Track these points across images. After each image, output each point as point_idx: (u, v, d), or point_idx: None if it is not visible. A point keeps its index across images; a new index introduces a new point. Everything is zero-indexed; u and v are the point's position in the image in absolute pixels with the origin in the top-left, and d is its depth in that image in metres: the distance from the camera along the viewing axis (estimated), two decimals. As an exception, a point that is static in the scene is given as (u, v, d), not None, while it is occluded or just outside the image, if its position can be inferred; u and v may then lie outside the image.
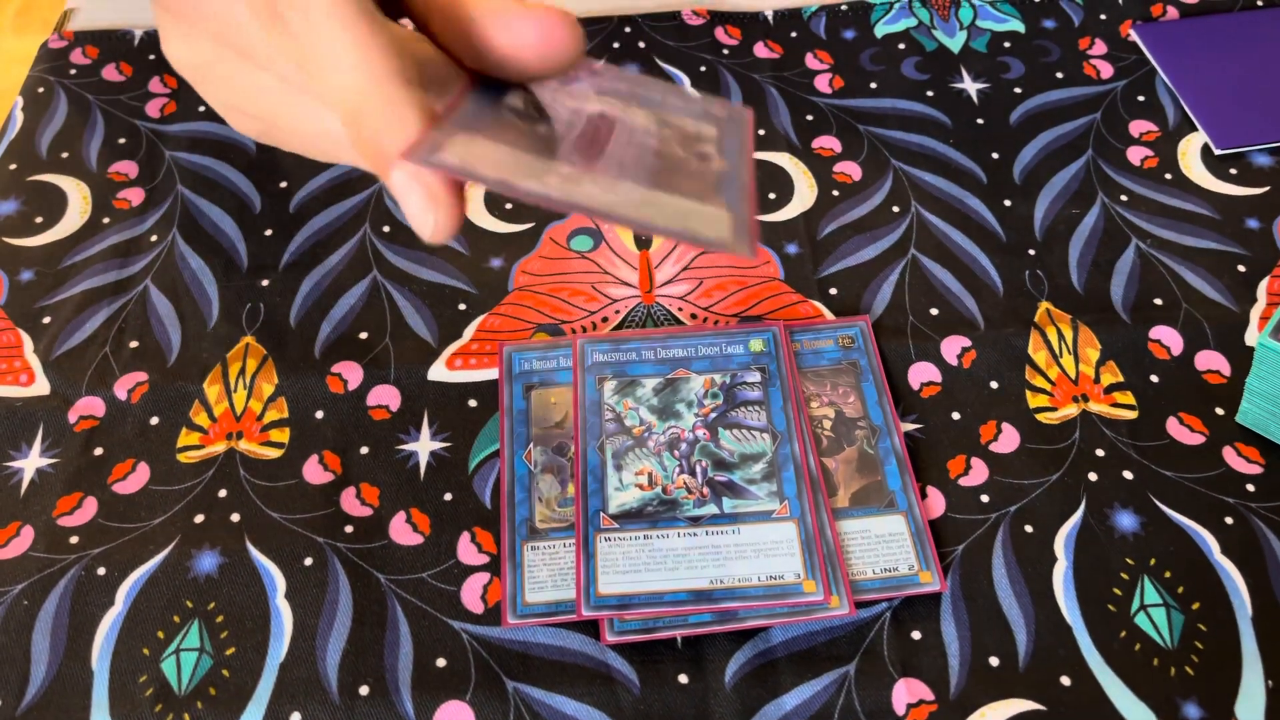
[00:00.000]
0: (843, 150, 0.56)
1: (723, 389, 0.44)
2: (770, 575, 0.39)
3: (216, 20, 0.29)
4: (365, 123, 0.27)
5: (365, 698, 0.38)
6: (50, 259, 0.51)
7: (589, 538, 0.40)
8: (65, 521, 0.43)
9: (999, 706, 0.38)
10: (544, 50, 0.28)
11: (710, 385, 0.44)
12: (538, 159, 0.28)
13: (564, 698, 0.38)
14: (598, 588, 0.39)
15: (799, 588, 0.39)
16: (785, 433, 0.43)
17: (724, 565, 0.40)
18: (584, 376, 0.45)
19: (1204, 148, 0.55)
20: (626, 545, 0.40)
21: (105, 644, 0.39)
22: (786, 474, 0.42)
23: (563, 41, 0.28)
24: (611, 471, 0.42)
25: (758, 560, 0.40)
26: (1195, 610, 0.40)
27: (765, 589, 0.39)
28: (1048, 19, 0.62)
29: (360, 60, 0.26)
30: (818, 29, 0.62)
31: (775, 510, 0.41)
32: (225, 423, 0.45)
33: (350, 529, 0.42)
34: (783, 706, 0.38)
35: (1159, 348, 0.47)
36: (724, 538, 0.40)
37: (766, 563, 0.40)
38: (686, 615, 0.39)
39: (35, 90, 0.59)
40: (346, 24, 0.26)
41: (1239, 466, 0.44)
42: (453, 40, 0.29)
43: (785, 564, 0.40)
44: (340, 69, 0.27)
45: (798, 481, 0.42)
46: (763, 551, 0.40)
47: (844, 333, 0.47)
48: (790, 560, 0.40)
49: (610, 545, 0.40)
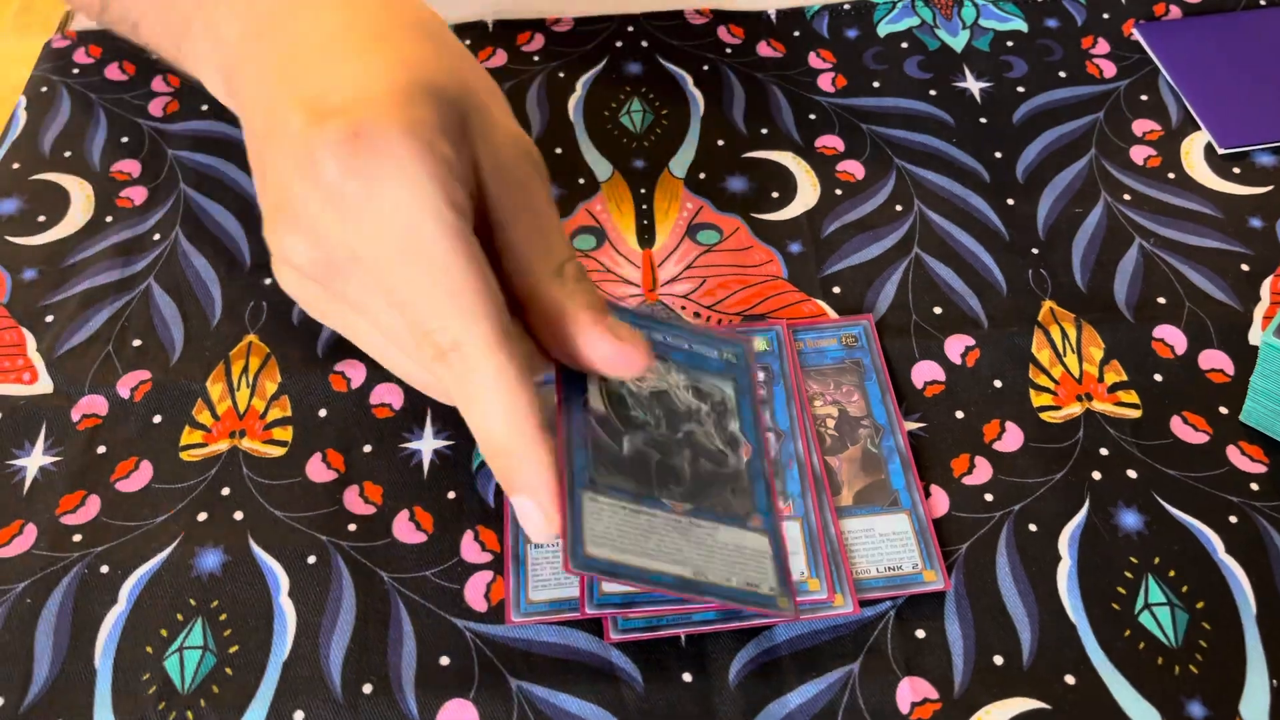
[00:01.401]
0: (846, 149, 0.56)
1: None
2: (748, 582, 0.39)
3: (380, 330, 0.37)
4: (502, 461, 0.35)
5: (369, 696, 0.38)
6: (53, 257, 0.51)
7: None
8: (68, 520, 0.43)
9: (1003, 705, 0.38)
10: (620, 368, 0.37)
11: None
12: (649, 518, 0.38)
13: (568, 696, 0.38)
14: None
15: (804, 586, 0.39)
16: (789, 432, 0.43)
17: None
18: None
19: (1207, 147, 0.55)
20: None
21: (108, 642, 0.39)
22: (790, 472, 0.42)
23: (634, 363, 0.37)
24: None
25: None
26: (1200, 609, 0.40)
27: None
28: (1050, 18, 0.62)
29: (506, 413, 0.34)
30: (820, 28, 0.62)
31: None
32: (228, 421, 0.45)
33: (353, 527, 0.42)
34: (787, 705, 0.38)
35: (1163, 347, 0.47)
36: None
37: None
38: (690, 613, 0.39)
39: (38, 89, 0.59)
40: (499, 375, 0.34)
41: (1243, 465, 0.44)
42: (553, 344, 0.37)
43: (790, 563, 0.39)
44: (487, 415, 0.35)
45: (801, 480, 0.42)
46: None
47: (847, 331, 0.47)
48: (794, 559, 0.40)
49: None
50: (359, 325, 0.37)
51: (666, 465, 0.40)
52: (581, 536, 0.37)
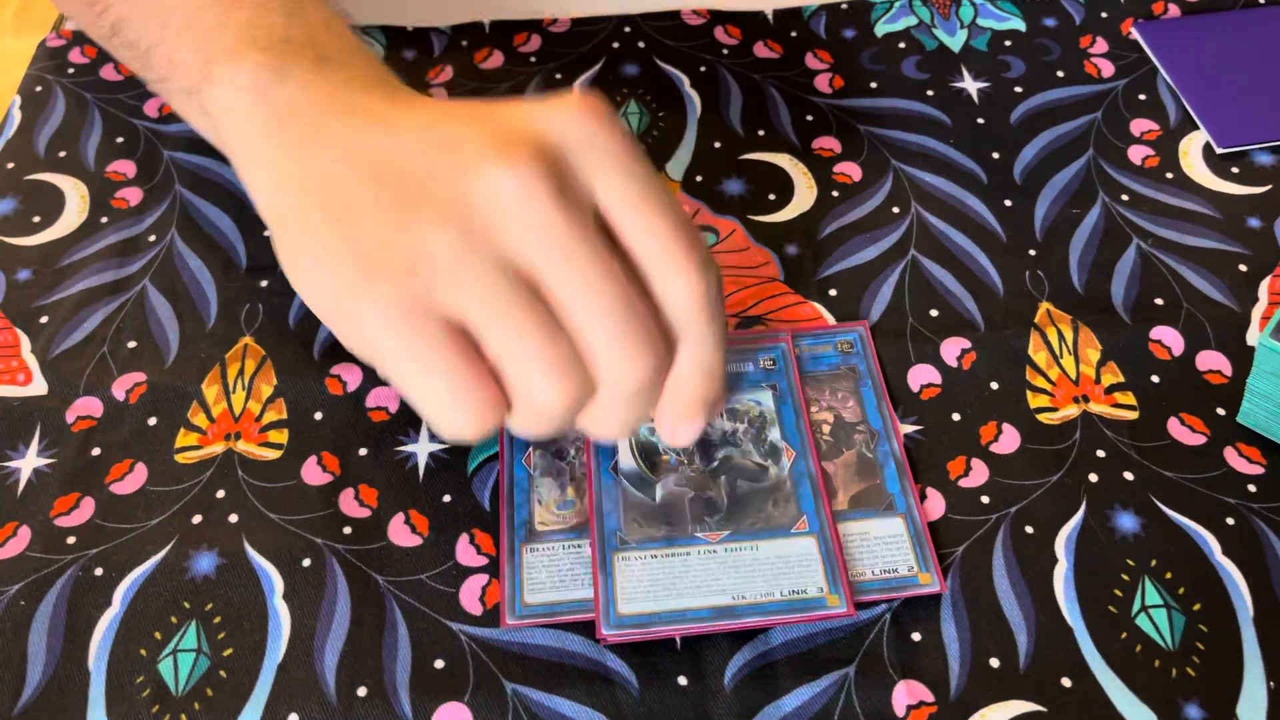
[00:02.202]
0: (843, 151, 0.55)
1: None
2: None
3: None
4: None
5: (363, 699, 0.38)
6: (48, 258, 0.51)
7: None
8: (62, 522, 0.42)
9: (999, 708, 0.38)
10: (674, 436, 0.37)
11: None
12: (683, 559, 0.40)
13: (562, 699, 0.38)
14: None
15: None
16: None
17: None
18: None
19: (1205, 146, 0.55)
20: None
21: (102, 645, 0.39)
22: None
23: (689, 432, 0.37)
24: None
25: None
26: (1196, 611, 0.40)
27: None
28: (1048, 17, 0.62)
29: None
30: (818, 28, 0.62)
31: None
32: (224, 423, 0.45)
33: (349, 530, 0.42)
34: (782, 708, 0.38)
35: (1160, 348, 0.47)
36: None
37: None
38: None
39: (33, 89, 0.59)
40: None
41: (1240, 467, 0.44)
42: None
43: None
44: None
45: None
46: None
47: (843, 338, 0.47)
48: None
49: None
50: None
51: (701, 499, 0.41)
52: (614, 599, 0.39)
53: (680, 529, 0.40)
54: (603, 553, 0.40)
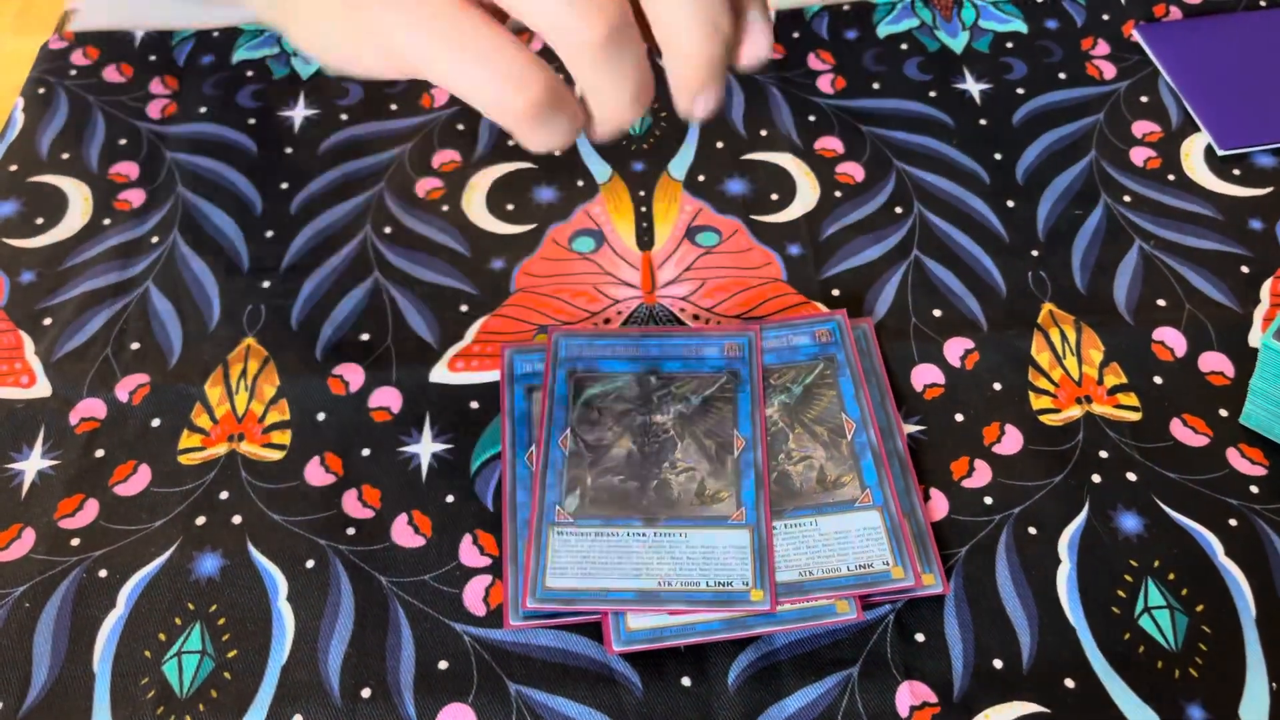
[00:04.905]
0: (845, 151, 0.55)
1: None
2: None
3: None
4: None
5: (367, 700, 0.38)
6: (51, 260, 0.51)
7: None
8: (66, 524, 0.42)
9: (1002, 709, 0.38)
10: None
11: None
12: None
13: (566, 700, 0.38)
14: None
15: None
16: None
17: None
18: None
19: (1207, 148, 0.55)
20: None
21: (107, 646, 0.39)
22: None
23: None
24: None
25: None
26: (1199, 612, 0.40)
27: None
28: (1050, 19, 0.62)
29: None
30: (820, 29, 0.62)
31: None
32: (226, 425, 0.45)
33: (352, 531, 0.42)
34: (786, 709, 0.38)
35: (1162, 349, 0.47)
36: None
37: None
38: (694, 624, 0.39)
39: (36, 91, 0.59)
40: None
41: (1243, 468, 0.44)
42: None
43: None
44: None
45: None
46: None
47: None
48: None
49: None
50: None
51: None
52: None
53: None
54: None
